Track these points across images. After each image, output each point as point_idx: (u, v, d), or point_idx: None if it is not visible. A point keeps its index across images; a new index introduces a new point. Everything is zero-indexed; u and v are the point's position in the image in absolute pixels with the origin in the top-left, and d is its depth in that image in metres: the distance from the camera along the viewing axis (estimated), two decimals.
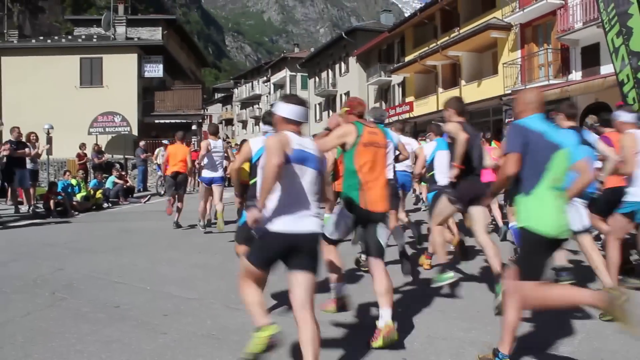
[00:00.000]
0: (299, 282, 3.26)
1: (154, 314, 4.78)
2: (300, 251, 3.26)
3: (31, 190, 12.68)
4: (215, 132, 9.72)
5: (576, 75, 20.52)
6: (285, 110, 3.43)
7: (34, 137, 13.06)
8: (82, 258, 7.37)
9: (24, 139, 12.54)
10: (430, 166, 6.63)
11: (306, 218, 3.27)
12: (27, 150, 12.26)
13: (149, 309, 4.92)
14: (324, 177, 3.54)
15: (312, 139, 3.59)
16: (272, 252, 3.29)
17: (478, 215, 5.09)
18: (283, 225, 3.21)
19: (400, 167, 7.22)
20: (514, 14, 22.83)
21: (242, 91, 73.19)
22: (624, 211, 5.04)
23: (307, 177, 3.32)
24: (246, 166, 5.09)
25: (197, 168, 11.37)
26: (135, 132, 25.69)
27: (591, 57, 19.41)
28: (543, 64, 22.44)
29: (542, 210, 3.34)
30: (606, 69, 16.82)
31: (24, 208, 12.60)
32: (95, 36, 30.13)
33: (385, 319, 3.90)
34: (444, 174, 5.89)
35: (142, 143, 20.69)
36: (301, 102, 3.50)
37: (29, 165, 12.56)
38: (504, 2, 23.80)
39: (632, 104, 10.93)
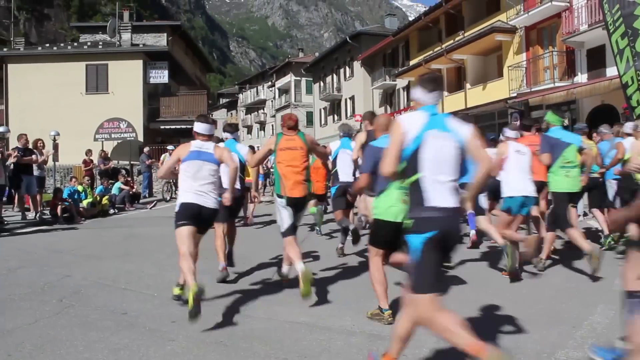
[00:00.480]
0: (198, 237, 5.07)
1: (162, 320, 4.77)
2: (203, 219, 5.04)
3: (38, 197, 12.72)
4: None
5: (582, 77, 20.46)
6: (196, 126, 5.28)
7: (41, 144, 13.12)
8: (89, 264, 7.38)
9: (30, 146, 12.60)
10: (334, 163, 7.52)
11: (207, 197, 5.02)
12: (34, 157, 12.32)
13: (156, 316, 4.91)
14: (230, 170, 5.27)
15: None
16: (187, 213, 4.93)
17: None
18: (191, 198, 4.96)
19: None
20: (519, 17, 22.80)
21: (247, 96, 73.35)
22: (503, 208, 6.33)
23: (205, 169, 5.06)
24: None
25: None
26: (140, 138, 25.75)
27: (597, 59, 19.37)
28: (548, 67, 22.39)
29: (388, 204, 4.47)
30: (612, 71, 16.76)
31: (30, 215, 12.65)
32: (100, 43, 30.25)
33: (300, 266, 5.18)
34: (345, 172, 7.41)
35: (146, 149, 20.72)
36: (207, 120, 5.37)
37: (35, 172, 12.60)
38: (509, 5, 23.78)
39: (636, 106, 10.90)
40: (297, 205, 5.58)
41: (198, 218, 4.96)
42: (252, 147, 12.30)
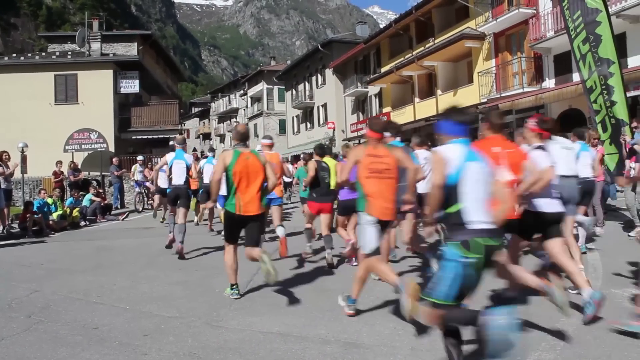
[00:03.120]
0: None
1: (134, 334, 4.70)
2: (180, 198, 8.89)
3: (5, 210, 12.43)
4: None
5: (549, 82, 20.86)
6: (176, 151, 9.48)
7: (6, 156, 12.77)
8: (59, 278, 7.23)
9: None
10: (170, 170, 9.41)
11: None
12: (0, 169, 12.03)
13: (129, 330, 4.83)
14: None
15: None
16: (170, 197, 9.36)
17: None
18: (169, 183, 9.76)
19: None
20: (487, 24, 23.17)
21: (219, 105, 72.99)
22: None
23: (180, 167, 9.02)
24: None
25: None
26: (112, 149, 25.41)
27: (563, 64, 19.77)
28: (517, 72, 22.78)
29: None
30: (578, 76, 17.12)
31: None
32: (69, 52, 29.81)
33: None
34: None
35: (115, 160, 20.40)
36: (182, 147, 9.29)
37: (2, 184, 12.30)
38: (477, 12, 24.15)
39: (599, 110, 11.12)
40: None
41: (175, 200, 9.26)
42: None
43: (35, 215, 12.73)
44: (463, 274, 3.26)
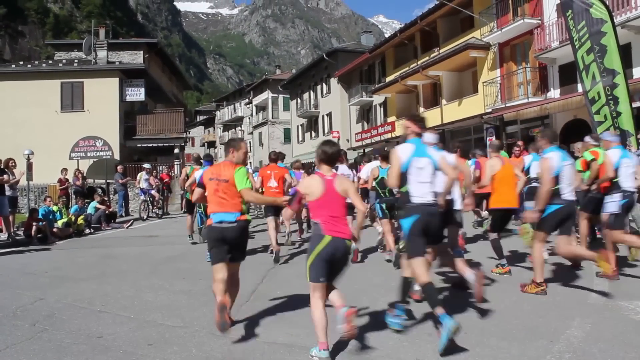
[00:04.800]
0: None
1: (139, 343, 4.69)
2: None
3: (10, 218, 12.47)
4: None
5: (554, 93, 20.83)
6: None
7: (13, 164, 12.84)
8: (63, 287, 7.23)
9: (2, 166, 12.36)
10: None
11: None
12: (5, 177, 12.06)
13: (133, 339, 4.82)
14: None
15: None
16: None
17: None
18: None
19: None
20: (492, 34, 23.18)
21: (224, 113, 73.19)
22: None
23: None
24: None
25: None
26: (117, 157, 25.47)
27: (568, 75, 19.74)
28: (522, 82, 22.77)
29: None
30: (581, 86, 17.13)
31: (3, 236, 12.39)
32: (76, 60, 29.99)
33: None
34: None
35: (119, 168, 20.42)
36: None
37: (7, 192, 12.35)
38: (482, 22, 24.17)
39: (604, 121, 11.09)
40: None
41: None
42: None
43: (40, 223, 12.76)
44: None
